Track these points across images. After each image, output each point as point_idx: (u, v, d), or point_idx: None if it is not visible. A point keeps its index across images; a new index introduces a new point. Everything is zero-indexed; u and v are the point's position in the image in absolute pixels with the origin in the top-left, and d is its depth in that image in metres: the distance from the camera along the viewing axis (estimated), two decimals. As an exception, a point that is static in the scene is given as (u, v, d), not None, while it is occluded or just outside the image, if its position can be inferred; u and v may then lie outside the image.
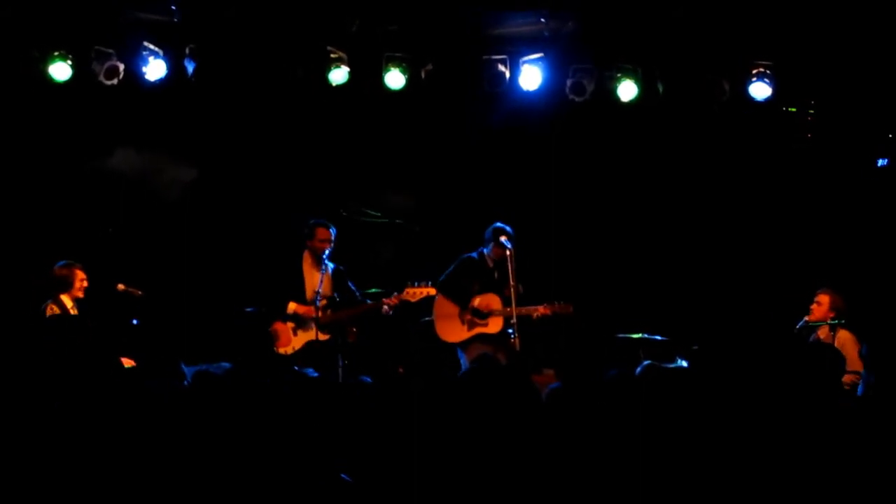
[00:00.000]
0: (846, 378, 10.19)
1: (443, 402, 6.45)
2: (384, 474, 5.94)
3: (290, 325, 11.91)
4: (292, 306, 11.88)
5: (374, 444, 6.16)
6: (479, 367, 7.30)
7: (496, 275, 12.08)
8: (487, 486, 5.89)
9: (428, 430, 6.20)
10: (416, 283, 11.83)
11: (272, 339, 11.75)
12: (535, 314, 11.87)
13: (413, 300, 11.87)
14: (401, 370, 11.81)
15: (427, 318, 12.31)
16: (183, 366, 7.74)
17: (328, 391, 6.69)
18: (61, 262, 11.70)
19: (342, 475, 5.76)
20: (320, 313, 11.78)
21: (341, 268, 12.16)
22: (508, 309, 11.75)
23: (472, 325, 12.10)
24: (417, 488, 5.86)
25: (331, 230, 12.00)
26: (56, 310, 11.46)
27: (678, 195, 14.00)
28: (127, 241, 13.40)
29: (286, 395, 6.48)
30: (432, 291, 11.89)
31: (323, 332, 11.83)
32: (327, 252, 11.88)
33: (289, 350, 11.83)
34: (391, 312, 11.94)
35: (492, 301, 12.04)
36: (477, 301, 12.03)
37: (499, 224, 12.06)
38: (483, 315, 12.03)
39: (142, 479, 5.87)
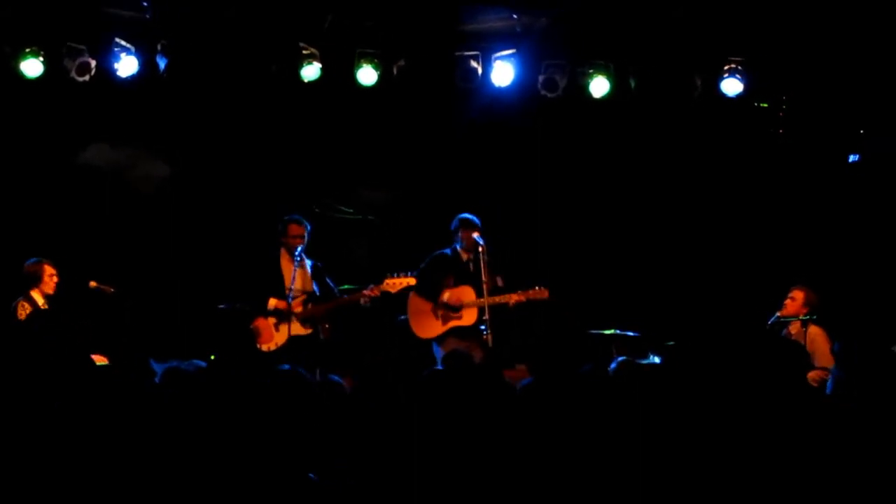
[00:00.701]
0: (816, 374, 10.25)
1: (415, 400, 6.46)
2: (358, 473, 5.95)
3: (272, 320, 11.86)
4: (272, 302, 11.84)
5: (348, 443, 6.16)
6: (450, 364, 7.31)
7: (471, 267, 11.99)
8: (461, 483, 5.89)
9: (401, 428, 6.21)
10: (395, 274, 11.81)
11: (254, 336, 11.76)
12: (510, 302, 11.78)
13: (393, 291, 11.81)
14: (378, 358, 11.88)
15: (403, 317, 12.22)
16: (153, 363, 7.73)
17: (302, 388, 6.69)
18: (31, 259, 11.71)
19: (310, 475, 5.75)
20: (299, 308, 11.79)
21: (319, 264, 12.16)
22: (481, 299, 11.75)
23: (446, 319, 12.00)
24: (391, 486, 5.87)
25: (303, 226, 11.98)
26: (27, 307, 11.46)
27: (651, 191, 14.04)
28: (100, 238, 13.36)
29: (259, 393, 6.48)
30: (412, 281, 11.86)
31: (304, 325, 11.84)
32: (300, 248, 11.86)
33: (272, 346, 11.78)
34: (369, 304, 11.91)
35: (464, 293, 11.95)
36: (446, 296, 11.96)
37: (464, 215, 12.06)
38: (455, 308, 11.99)
39: (112, 477, 5.86)
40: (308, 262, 12.06)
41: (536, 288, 11.84)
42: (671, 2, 12.58)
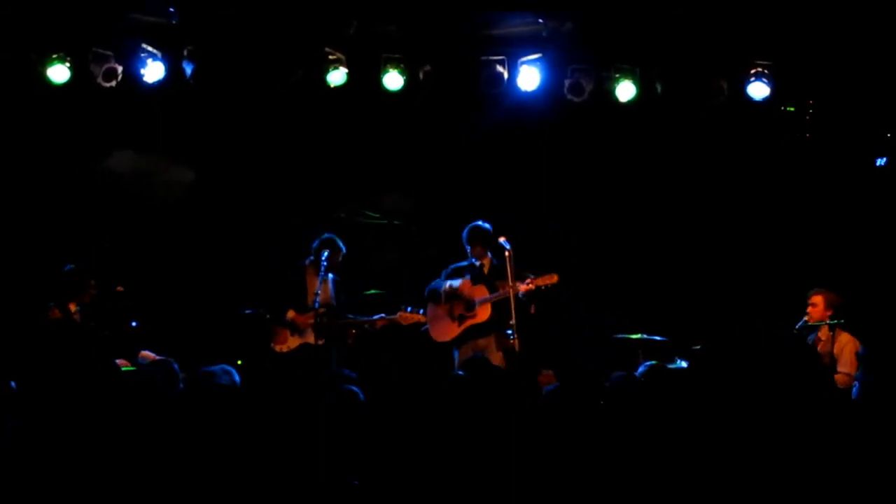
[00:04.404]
0: (840, 378, 10.18)
1: (435, 407, 6.44)
2: (379, 478, 5.93)
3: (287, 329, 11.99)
4: (291, 314, 11.93)
5: (368, 449, 6.15)
6: (470, 371, 7.27)
7: (485, 270, 12.02)
8: (481, 490, 5.88)
9: (421, 435, 6.19)
10: (410, 309, 11.88)
11: (269, 336, 11.88)
12: (520, 291, 11.57)
13: (404, 324, 11.93)
14: (388, 360, 11.93)
15: (425, 328, 12.16)
16: (177, 367, 7.74)
17: (323, 394, 6.68)
18: (73, 268, 11.67)
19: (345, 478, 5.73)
20: (322, 320, 11.88)
21: (339, 279, 12.24)
22: (494, 294, 11.73)
23: (461, 320, 11.96)
24: (412, 491, 5.86)
25: (341, 250, 12.17)
26: (58, 314, 11.45)
27: (677, 195, 13.99)
28: (124, 243, 13.38)
29: (281, 398, 6.47)
30: (423, 318, 11.91)
31: (317, 338, 11.90)
32: (324, 255, 11.89)
33: (284, 348, 11.95)
34: (374, 332, 12.04)
35: (476, 291, 11.92)
36: (447, 284, 12.00)
37: (475, 224, 12.08)
38: (469, 306, 11.88)
39: (136, 480, 5.87)
40: (330, 276, 12.17)
41: (545, 275, 11.66)
42: (697, 4, 12.53)
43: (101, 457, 5.91)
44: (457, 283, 12.00)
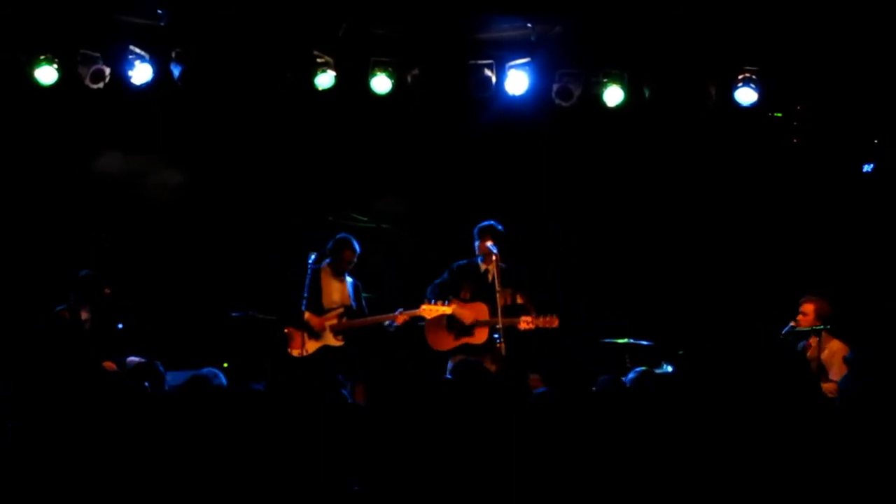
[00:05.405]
0: (829, 387, 10.17)
1: (427, 410, 6.44)
2: (373, 479, 5.94)
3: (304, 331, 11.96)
4: (306, 315, 11.89)
5: (358, 449, 6.15)
6: (461, 373, 7.27)
7: (490, 278, 11.92)
8: (472, 492, 5.88)
9: (413, 439, 6.19)
10: (433, 301, 11.84)
11: (285, 341, 11.85)
12: (519, 325, 11.68)
13: (428, 317, 11.87)
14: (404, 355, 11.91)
15: (422, 323, 12.15)
16: (161, 369, 7.74)
17: (314, 399, 6.68)
18: (89, 274, 11.69)
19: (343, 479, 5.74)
20: (334, 320, 12.06)
21: (359, 284, 12.35)
22: (494, 318, 11.61)
23: (458, 335, 11.97)
24: (402, 493, 5.86)
25: (356, 251, 12.18)
26: (67, 316, 11.45)
27: (664, 201, 14.00)
28: (113, 244, 13.35)
29: (270, 402, 6.47)
30: (449, 310, 11.86)
31: (336, 337, 12.02)
32: (311, 259, 11.89)
33: (302, 352, 11.86)
34: (394, 329, 12.02)
35: (478, 311, 11.91)
36: (453, 307, 11.89)
37: (483, 223, 12.03)
38: (468, 327, 11.91)
39: (136, 481, 5.87)
40: (349, 279, 12.25)
41: (547, 316, 11.70)
42: (684, 8, 12.54)
43: (96, 458, 5.91)
44: (464, 309, 11.98)
